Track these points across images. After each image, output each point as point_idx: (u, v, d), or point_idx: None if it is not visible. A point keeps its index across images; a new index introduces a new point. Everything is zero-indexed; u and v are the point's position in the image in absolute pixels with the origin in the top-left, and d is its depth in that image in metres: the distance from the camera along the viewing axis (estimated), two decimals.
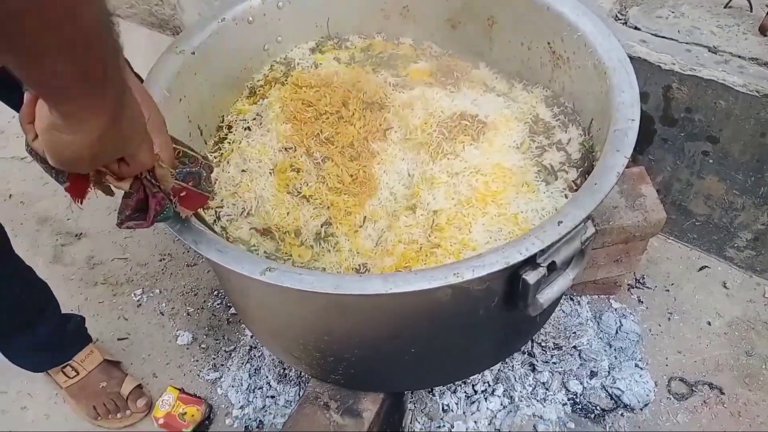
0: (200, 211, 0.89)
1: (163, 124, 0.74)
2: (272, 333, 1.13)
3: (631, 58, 1.39)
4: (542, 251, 0.83)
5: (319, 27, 1.36)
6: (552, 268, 0.87)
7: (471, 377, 1.41)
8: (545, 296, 0.93)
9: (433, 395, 1.40)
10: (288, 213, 1.08)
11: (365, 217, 1.07)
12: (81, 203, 0.71)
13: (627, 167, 1.46)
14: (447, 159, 1.08)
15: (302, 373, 1.46)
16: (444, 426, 1.36)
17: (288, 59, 1.34)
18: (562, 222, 0.83)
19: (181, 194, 0.80)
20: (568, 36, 1.14)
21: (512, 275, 0.86)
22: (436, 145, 1.11)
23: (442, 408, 1.39)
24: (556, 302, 1.21)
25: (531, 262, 0.85)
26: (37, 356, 1.45)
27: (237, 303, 1.19)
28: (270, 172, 1.13)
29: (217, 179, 1.12)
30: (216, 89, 1.23)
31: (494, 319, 0.98)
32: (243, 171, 1.14)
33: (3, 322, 1.33)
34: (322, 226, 1.06)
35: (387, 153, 1.13)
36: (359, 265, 1.02)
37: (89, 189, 0.70)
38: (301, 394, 1.39)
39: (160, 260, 1.77)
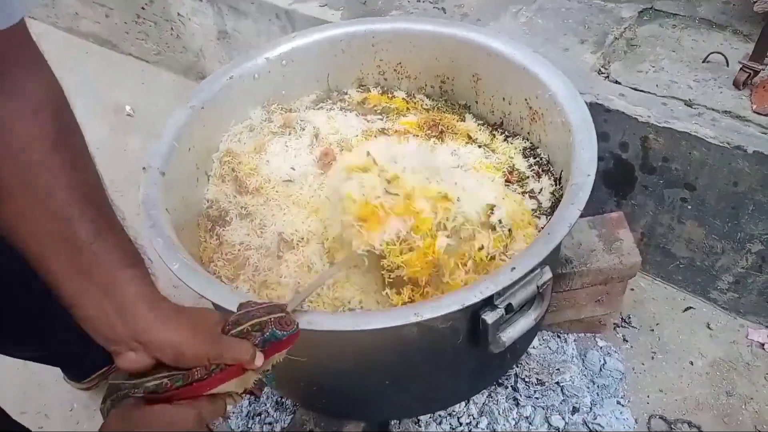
0: None
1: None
2: None
3: (610, 110, 1.50)
4: (498, 294, 0.92)
5: (320, 81, 1.49)
6: (510, 309, 0.95)
7: (456, 410, 1.48)
8: (507, 335, 1.01)
9: (419, 426, 1.47)
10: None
11: None
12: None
13: (606, 212, 1.54)
14: None
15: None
16: None
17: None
18: (515, 268, 0.92)
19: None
20: (542, 94, 1.25)
21: (473, 315, 0.96)
22: None
23: None
24: (525, 341, 1.29)
25: (489, 304, 0.94)
26: None
27: None
28: None
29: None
30: (222, 138, 1.36)
31: (462, 354, 1.07)
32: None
33: None
34: None
35: None
36: None
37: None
38: None
39: None
